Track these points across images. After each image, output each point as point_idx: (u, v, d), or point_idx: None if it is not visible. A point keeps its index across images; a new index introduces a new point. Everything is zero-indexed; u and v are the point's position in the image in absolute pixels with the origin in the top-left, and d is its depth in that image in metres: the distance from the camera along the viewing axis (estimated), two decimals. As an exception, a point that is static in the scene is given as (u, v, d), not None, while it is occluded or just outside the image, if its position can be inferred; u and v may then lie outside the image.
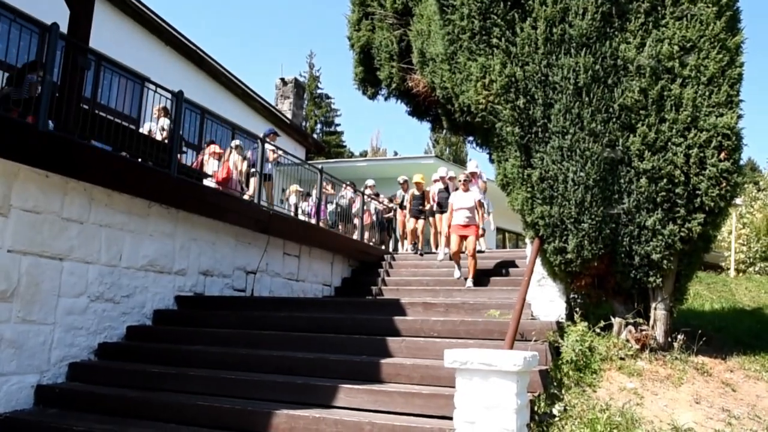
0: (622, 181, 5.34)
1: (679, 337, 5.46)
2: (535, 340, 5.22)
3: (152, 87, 7.73)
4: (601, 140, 5.27)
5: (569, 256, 5.38)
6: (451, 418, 3.97)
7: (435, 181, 11.82)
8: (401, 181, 12.96)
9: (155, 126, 10.03)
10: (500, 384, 3.72)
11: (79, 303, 6.16)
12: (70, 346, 6.06)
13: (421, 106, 7.75)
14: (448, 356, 3.86)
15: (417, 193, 12.01)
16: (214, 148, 9.75)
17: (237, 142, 10.04)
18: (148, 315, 7.03)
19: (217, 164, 9.67)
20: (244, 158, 9.48)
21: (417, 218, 11.97)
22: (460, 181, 11.97)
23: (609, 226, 5.32)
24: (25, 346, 5.60)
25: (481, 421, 3.72)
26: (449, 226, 9.81)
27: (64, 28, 6.54)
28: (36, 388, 5.68)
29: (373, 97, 8.43)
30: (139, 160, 7.69)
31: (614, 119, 5.32)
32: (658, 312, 5.48)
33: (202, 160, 9.90)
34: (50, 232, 5.84)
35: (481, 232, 10.65)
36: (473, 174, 11.69)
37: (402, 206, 12.62)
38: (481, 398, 3.75)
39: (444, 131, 11.30)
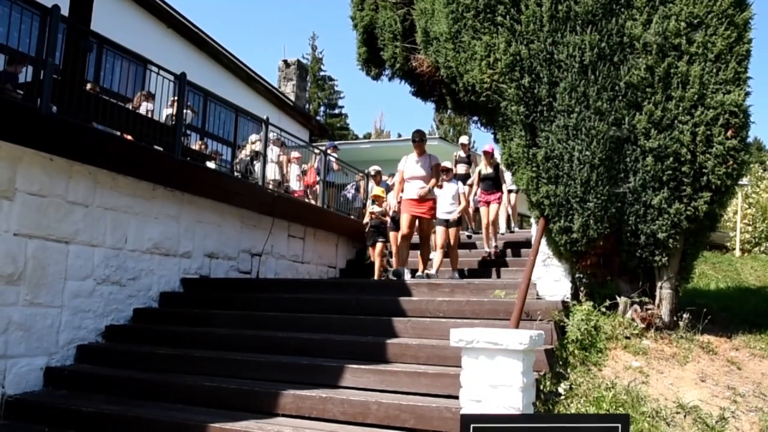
0: (628, 159, 5.30)
1: (684, 316, 5.45)
2: (541, 320, 5.23)
3: (154, 69, 7.69)
4: (607, 119, 5.22)
5: (575, 235, 5.36)
6: (457, 397, 3.99)
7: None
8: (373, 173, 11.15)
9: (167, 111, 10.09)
10: (506, 363, 3.73)
11: (85, 286, 6.19)
12: (78, 329, 6.11)
13: (425, 86, 7.67)
14: (454, 335, 3.86)
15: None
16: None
17: (297, 153, 11.21)
18: (154, 297, 7.07)
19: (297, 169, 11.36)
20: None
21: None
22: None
23: (615, 205, 5.29)
24: (33, 328, 5.64)
25: (487, 399, 3.74)
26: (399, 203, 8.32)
27: (65, 12, 6.49)
28: (45, 370, 5.74)
29: (376, 77, 8.34)
30: (144, 143, 7.68)
31: (620, 97, 5.27)
32: (664, 291, 5.47)
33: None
34: (56, 216, 5.86)
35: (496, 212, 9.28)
36: (463, 145, 11.13)
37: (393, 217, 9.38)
38: (487, 377, 3.76)
39: (448, 111, 11.09)
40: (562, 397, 4.48)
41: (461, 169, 10.53)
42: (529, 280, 5.18)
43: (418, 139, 7.96)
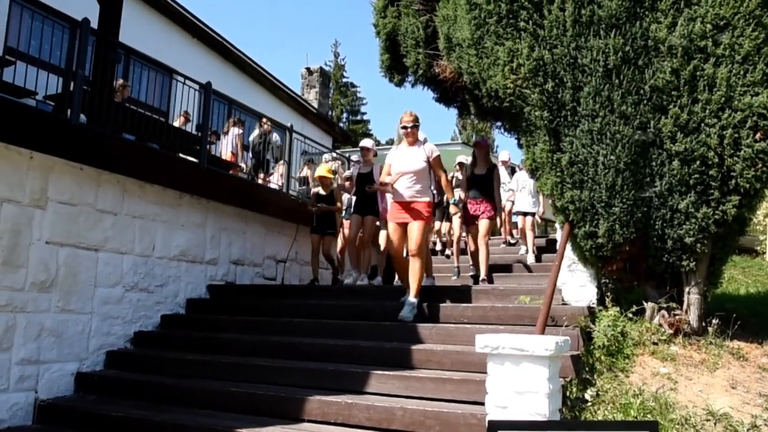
0: (653, 163, 5.25)
1: (713, 321, 5.37)
2: (567, 326, 5.19)
3: (180, 79, 7.82)
4: (632, 123, 5.18)
5: (600, 240, 5.32)
6: (482, 403, 3.98)
7: (503, 162, 11.03)
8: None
9: (227, 138, 10.53)
10: (532, 369, 3.71)
11: (114, 293, 6.30)
12: (107, 335, 6.22)
13: (448, 93, 7.69)
14: (479, 341, 3.86)
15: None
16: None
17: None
18: (181, 304, 7.16)
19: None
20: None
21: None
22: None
23: (641, 209, 5.24)
24: (64, 334, 5.76)
25: (513, 405, 3.72)
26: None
27: (95, 25, 6.64)
28: (76, 375, 5.85)
29: (399, 84, 8.38)
30: (170, 152, 7.81)
31: (645, 101, 5.23)
32: (692, 296, 5.40)
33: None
34: (86, 224, 5.98)
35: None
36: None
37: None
38: (512, 383, 3.75)
39: (471, 117, 10.94)
40: (589, 404, 4.44)
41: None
42: (554, 285, 5.14)
43: (411, 124, 6.03)
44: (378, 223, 8.16)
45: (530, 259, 8.95)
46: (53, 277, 5.65)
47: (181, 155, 8.11)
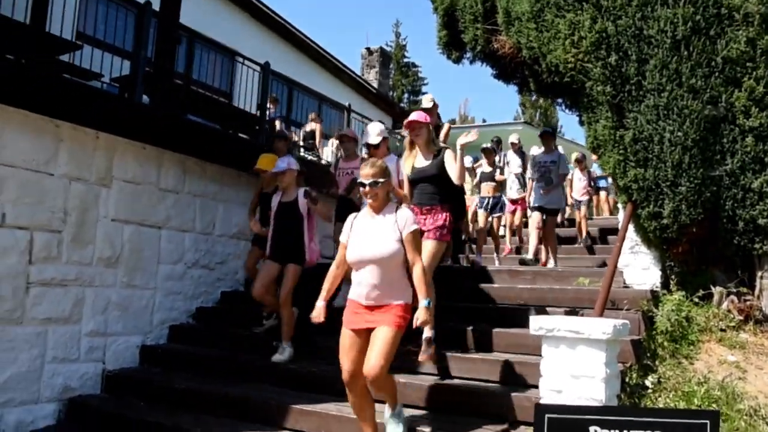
0: (724, 140, 4.96)
1: (788, 308, 5.08)
2: (627, 309, 5.01)
3: (240, 60, 7.92)
4: (702, 97, 4.90)
5: (665, 221, 5.08)
6: (537, 387, 3.90)
7: (512, 144, 10.20)
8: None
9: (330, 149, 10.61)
10: (588, 352, 3.59)
11: (176, 269, 6.49)
12: (170, 310, 6.43)
13: (506, 69, 7.46)
14: (534, 323, 3.77)
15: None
16: None
17: None
18: (240, 281, 7.31)
19: None
20: None
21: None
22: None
23: (710, 188, 4.97)
24: (129, 308, 5.98)
25: (567, 390, 3.62)
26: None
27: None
28: (141, 348, 6.08)
29: (457, 61, 8.20)
30: (230, 131, 7.95)
31: (717, 73, 4.93)
32: (765, 281, 5.11)
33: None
34: (148, 202, 6.16)
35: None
36: (513, 144, 9.93)
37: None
38: (568, 367, 3.65)
39: (531, 94, 10.59)
40: (650, 391, 4.28)
41: (515, 168, 10.00)
42: (614, 267, 4.97)
43: (371, 180, 3.86)
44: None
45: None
46: (118, 253, 5.86)
47: (240, 134, 8.24)
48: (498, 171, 9.02)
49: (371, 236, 3.84)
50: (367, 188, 3.86)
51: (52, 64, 6.20)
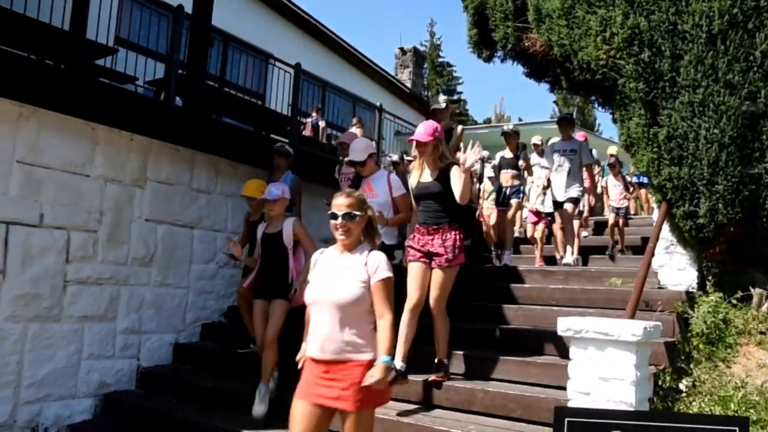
0: (764, 137, 4.80)
1: (832, 310, 4.89)
2: (661, 311, 4.89)
3: (273, 62, 8.00)
4: (739, 92, 4.75)
5: (701, 220, 4.95)
6: (566, 389, 3.84)
7: (535, 146, 9.50)
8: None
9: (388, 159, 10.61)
10: (618, 354, 3.52)
11: (209, 269, 6.59)
12: (202, 309, 6.53)
13: (538, 67, 7.36)
14: (561, 324, 3.71)
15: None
16: None
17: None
18: (272, 280, 7.36)
19: None
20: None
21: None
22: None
23: (748, 187, 4.81)
24: (163, 307, 6.10)
25: (596, 392, 3.56)
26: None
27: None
28: (174, 345, 6.19)
29: (488, 59, 8.12)
30: (262, 132, 8.03)
31: (755, 68, 4.77)
32: (807, 282, 4.94)
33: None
34: (181, 203, 6.27)
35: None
36: (536, 146, 9.31)
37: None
38: (596, 369, 3.58)
39: (564, 92, 10.34)
40: (684, 395, 4.18)
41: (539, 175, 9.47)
42: (647, 267, 4.85)
43: (344, 211, 3.34)
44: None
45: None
46: (152, 253, 5.98)
47: (272, 135, 8.31)
48: (521, 157, 8.48)
49: (333, 276, 3.19)
50: (339, 221, 3.25)
51: (89, 68, 6.36)
